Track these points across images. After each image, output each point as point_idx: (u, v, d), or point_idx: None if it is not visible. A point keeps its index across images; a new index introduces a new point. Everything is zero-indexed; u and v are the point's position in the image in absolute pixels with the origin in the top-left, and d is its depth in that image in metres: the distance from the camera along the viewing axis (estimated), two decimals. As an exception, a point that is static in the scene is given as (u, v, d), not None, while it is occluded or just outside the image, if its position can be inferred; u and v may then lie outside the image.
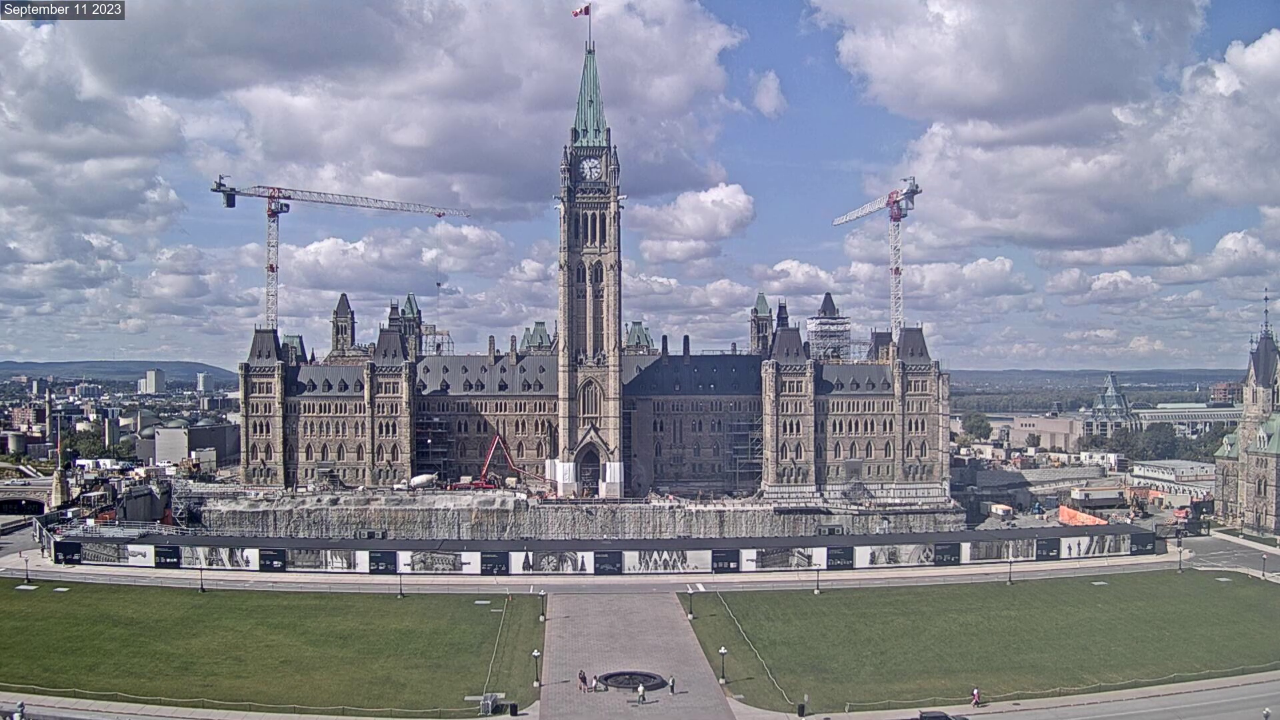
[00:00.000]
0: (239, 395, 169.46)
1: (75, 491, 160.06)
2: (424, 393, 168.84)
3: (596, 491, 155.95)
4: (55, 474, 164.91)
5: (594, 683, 79.35)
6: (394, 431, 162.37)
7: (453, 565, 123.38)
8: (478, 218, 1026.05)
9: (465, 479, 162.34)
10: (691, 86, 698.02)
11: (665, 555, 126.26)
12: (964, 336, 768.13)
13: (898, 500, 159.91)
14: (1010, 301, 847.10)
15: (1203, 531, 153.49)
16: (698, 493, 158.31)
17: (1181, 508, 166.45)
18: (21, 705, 70.89)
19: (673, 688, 78.86)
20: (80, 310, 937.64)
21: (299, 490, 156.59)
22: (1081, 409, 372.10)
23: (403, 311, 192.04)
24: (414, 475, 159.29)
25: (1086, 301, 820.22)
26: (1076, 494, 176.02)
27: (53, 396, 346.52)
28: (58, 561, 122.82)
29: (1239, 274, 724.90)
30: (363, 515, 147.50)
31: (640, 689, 77.86)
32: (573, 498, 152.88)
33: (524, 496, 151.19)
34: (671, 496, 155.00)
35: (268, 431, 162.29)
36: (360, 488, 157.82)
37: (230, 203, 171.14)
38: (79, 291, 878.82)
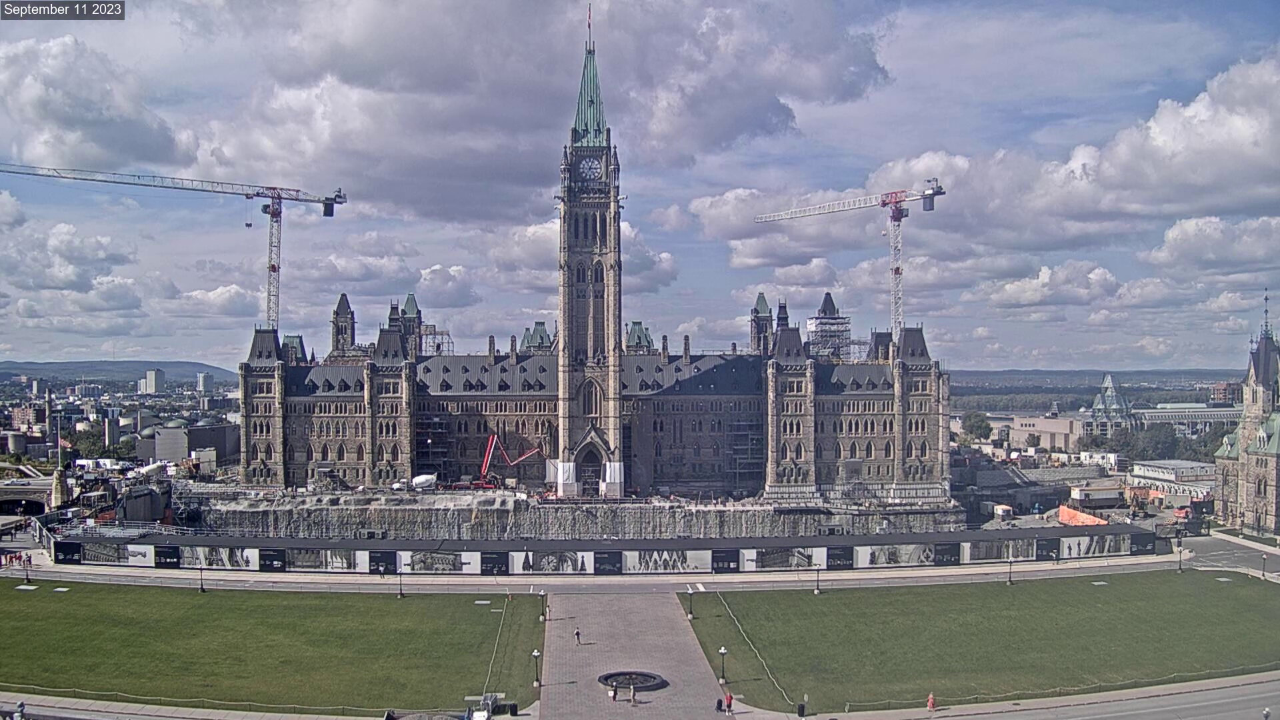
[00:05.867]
0: (239, 395, 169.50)
1: (75, 491, 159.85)
2: (425, 392, 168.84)
3: (597, 491, 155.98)
4: (55, 474, 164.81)
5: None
6: (394, 432, 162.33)
7: (453, 565, 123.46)
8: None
9: (465, 479, 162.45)
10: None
11: (665, 555, 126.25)
12: (964, 336, 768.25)
13: (898, 500, 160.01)
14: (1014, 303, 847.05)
15: (1203, 531, 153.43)
16: (698, 493, 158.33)
17: (1182, 508, 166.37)
18: (21, 705, 70.83)
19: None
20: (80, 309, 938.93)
21: (299, 490, 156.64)
22: (1081, 409, 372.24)
23: (403, 311, 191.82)
24: (414, 475, 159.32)
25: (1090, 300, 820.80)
26: (1076, 494, 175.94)
27: (53, 396, 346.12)
28: (58, 561, 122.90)
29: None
30: (363, 515, 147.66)
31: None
32: (573, 498, 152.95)
33: (524, 496, 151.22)
34: (672, 496, 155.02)
35: (268, 432, 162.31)
36: (360, 488, 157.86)
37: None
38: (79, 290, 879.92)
